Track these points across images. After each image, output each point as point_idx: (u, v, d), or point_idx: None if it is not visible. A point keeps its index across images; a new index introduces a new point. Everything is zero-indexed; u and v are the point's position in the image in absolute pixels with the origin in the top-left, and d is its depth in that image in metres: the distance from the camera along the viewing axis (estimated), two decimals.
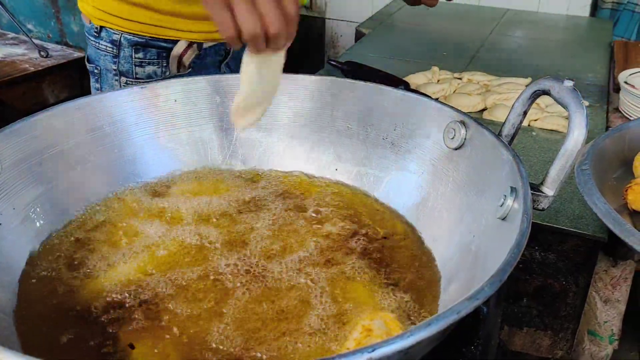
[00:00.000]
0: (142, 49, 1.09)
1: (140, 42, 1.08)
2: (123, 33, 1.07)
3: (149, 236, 0.69)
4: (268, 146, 0.85)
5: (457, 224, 0.67)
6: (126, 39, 1.07)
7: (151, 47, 1.09)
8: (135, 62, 1.09)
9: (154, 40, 1.08)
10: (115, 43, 1.08)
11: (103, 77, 1.13)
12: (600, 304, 0.99)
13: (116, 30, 1.07)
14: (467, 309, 0.42)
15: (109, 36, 1.08)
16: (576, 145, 0.58)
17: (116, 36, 1.08)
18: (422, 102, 0.76)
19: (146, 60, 1.10)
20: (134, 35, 1.07)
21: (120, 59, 1.09)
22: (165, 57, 1.10)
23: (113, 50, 1.09)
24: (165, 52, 1.10)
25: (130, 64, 1.09)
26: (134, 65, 1.10)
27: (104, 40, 1.09)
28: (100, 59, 1.12)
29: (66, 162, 0.73)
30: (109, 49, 1.09)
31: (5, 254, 0.63)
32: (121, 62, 1.09)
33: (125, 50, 1.09)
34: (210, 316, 0.58)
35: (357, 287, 0.62)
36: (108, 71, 1.12)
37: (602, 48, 1.65)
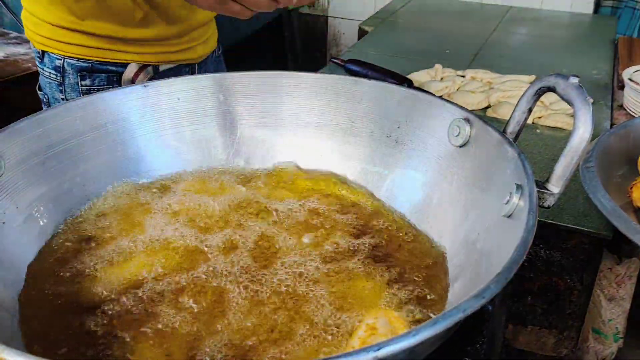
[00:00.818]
0: (89, 75, 0.97)
1: (86, 67, 0.96)
2: (65, 58, 0.95)
3: (152, 235, 0.69)
4: (271, 144, 0.85)
5: (462, 222, 0.66)
6: (70, 64, 0.96)
7: (99, 72, 0.97)
8: (82, 91, 0.98)
9: (101, 65, 0.96)
10: (58, 69, 0.96)
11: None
12: (605, 302, 0.99)
13: (58, 55, 0.96)
14: (473, 307, 0.42)
15: (52, 62, 0.97)
16: (582, 142, 0.58)
17: (59, 61, 0.96)
18: (426, 99, 0.76)
19: (94, 88, 0.97)
20: (78, 60, 0.95)
21: (65, 87, 0.97)
22: (116, 81, 0.98)
23: (57, 78, 0.97)
24: (116, 76, 0.98)
25: (77, 93, 0.98)
26: (82, 93, 0.98)
27: (47, 66, 0.98)
28: (46, 87, 1.00)
29: (69, 160, 0.73)
30: (52, 76, 0.98)
31: (9, 252, 0.63)
32: (67, 90, 0.98)
33: (70, 77, 0.97)
34: (212, 316, 0.58)
35: (361, 285, 0.62)
36: (56, 100, 1.00)
37: (605, 45, 1.65)
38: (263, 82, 0.84)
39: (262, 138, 0.85)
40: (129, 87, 0.80)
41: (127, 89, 0.80)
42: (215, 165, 0.84)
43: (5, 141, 0.66)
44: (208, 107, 0.83)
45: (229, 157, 0.84)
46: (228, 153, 0.84)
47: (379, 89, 0.80)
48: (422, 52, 1.56)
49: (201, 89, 0.83)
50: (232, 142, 0.85)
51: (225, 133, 0.84)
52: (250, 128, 0.85)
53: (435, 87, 1.26)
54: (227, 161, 0.84)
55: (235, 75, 0.84)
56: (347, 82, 0.82)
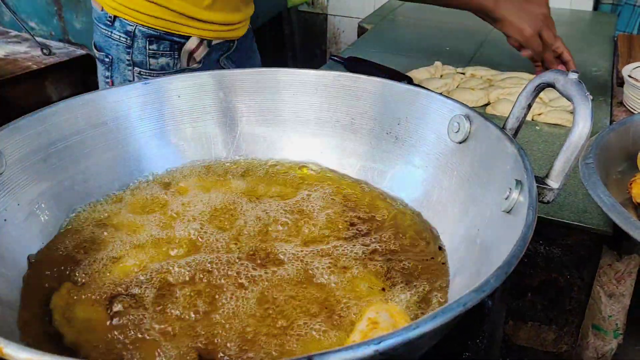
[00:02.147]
0: (156, 41, 1.10)
1: (154, 34, 1.09)
2: (137, 25, 1.08)
3: (154, 232, 0.69)
4: (272, 141, 0.85)
5: (461, 218, 0.67)
6: (140, 31, 1.08)
7: (164, 39, 1.10)
8: (149, 54, 1.11)
9: (168, 35, 1.09)
10: (129, 34, 1.09)
11: (115, 67, 1.13)
12: (605, 298, 0.99)
13: (131, 22, 1.08)
14: (473, 301, 0.42)
15: (123, 27, 1.09)
16: (581, 137, 0.58)
17: (130, 27, 1.08)
18: (426, 96, 0.76)
19: (159, 52, 1.11)
20: (148, 28, 1.08)
21: (134, 50, 1.10)
22: (177, 49, 1.12)
23: (127, 41, 1.10)
24: (178, 45, 1.11)
25: (144, 55, 1.11)
26: (148, 56, 1.11)
27: (118, 30, 1.10)
28: (112, 48, 1.12)
29: (70, 158, 0.73)
30: (122, 39, 1.10)
31: (10, 249, 0.63)
32: (135, 53, 1.10)
33: (139, 42, 1.09)
34: (213, 310, 0.58)
35: (362, 279, 0.62)
36: (121, 61, 1.12)
37: (605, 42, 1.65)
38: (263, 79, 0.84)
39: (263, 135, 0.85)
40: (129, 85, 0.81)
41: (127, 86, 0.80)
42: (216, 161, 0.84)
43: (7, 138, 0.66)
44: (208, 104, 0.84)
45: (230, 153, 0.85)
46: (228, 150, 0.85)
47: (379, 85, 0.80)
48: (422, 49, 1.56)
49: (201, 86, 0.83)
50: (233, 139, 0.85)
51: (225, 130, 0.85)
52: (250, 125, 0.85)
53: (434, 85, 1.26)
54: (227, 158, 0.84)
55: (235, 73, 0.84)
56: (347, 79, 0.82)
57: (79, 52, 2.11)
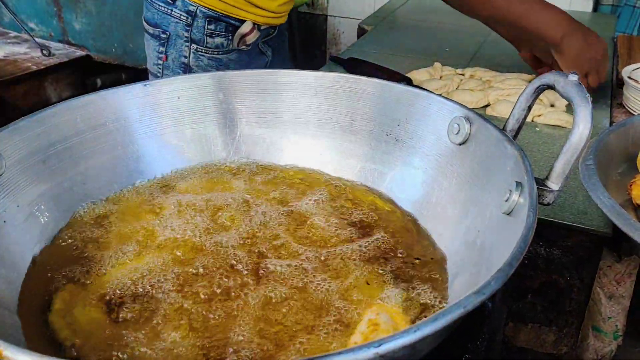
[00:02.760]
0: (214, 22, 1.18)
1: (214, 16, 1.17)
2: (200, 6, 1.17)
3: (154, 233, 0.69)
4: (272, 142, 0.85)
5: (461, 219, 0.67)
6: (202, 11, 1.17)
7: (222, 21, 1.18)
8: (207, 33, 1.19)
9: (225, 17, 1.18)
10: (190, 13, 1.17)
11: (171, 42, 1.21)
12: (605, 300, 0.99)
13: (193, 3, 1.17)
14: (474, 303, 0.42)
15: (185, 6, 1.17)
16: (581, 139, 0.58)
17: (193, 7, 1.17)
18: (426, 97, 0.76)
19: (216, 32, 1.19)
20: (209, 10, 1.17)
21: (193, 28, 1.18)
22: (232, 31, 1.20)
23: (187, 20, 1.18)
24: (232, 27, 1.20)
25: (202, 34, 1.19)
26: (206, 35, 1.19)
27: (179, 9, 1.18)
28: (170, 25, 1.19)
29: (70, 159, 0.73)
30: (183, 17, 1.18)
31: (10, 251, 0.63)
32: (194, 31, 1.18)
33: (199, 21, 1.18)
34: (213, 314, 0.58)
35: (361, 281, 0.62)
36: (179, 37, 1.20)
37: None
38: (262, 81, 0.84)
39: (262, 136, 0.85)
40: (128, 86, 0.80)
41: (126, 87, 0.80)
42: (216, 163, 0.84)
43: (6, 139, 0.66)
44: (208, 105, 0.84)
45: (229, 155, 0.85)
46: (228, 151, 0.85)
47: (379, 86, 0.80)
48: (422, 50, 1.56)
49: (201, 88, 0.83)
50: (232, 140, 0.85)
51: (225, 131, 0.85)
52: (250, 126, 0.85)
53: (434, 86, 1.26)
54: (227, 159, 0.84)
55: (234, 74, 0.84)
56: (347, 80, 0.82)
57: (79, 53, 2.11)
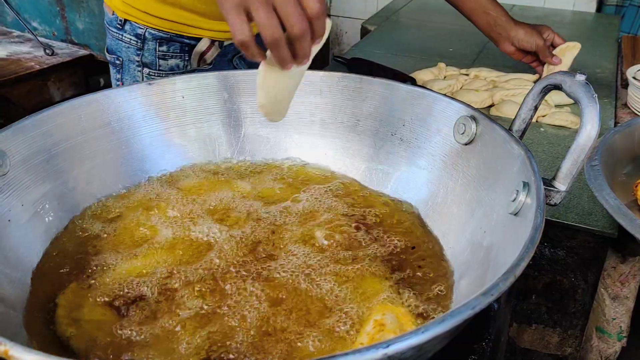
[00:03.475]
0: (166, 43, 1.10)
1: (164, 37, 1.10)
2: (148, 28, 1.09)
3: (158, 232, 0.69)
4: (276, 142, 0.85)
5: (467, 220, 0.66)
6: (150, 33, 1.09)
7: (174, 41, 1.11)
8: (159, 55, 1.12)
9: (178, 37, 1.10)
10: (139, 37, 1.10)
11: (125, 68, 1.14)
12: (609, 301, 0.98)
13: (141, 25, 1.09)
14: (482, 304, 0.42)
15: (133, 30, 1.10)
16: (588, 139, 0.57)
17: (141, 30, 1.09)
18: (431, 97, 0.76)
19: (169, 54, 1.12)
20: (159, 31, 1.09)
21: (144, 52, 1.11)
22: (187, 51, 1.12)
23: (137, 44, 1.11)
24: (188, 47, 1.12)
25: (153, 57, 1.12)
26: (158, 58, 1.12)
27: (128, 33, 1.11)
28: (122, 51, 1.13)
29: (75, 158, 0.73)
30: (132, 41, 1.11)
31: (15, 250, 0.63)
32: (145, 54, 1.11)
33: (150, 44, 1.10)
34: (218, 312, 0.58)
35: (368, 282, 0.62)
36: (131, 62, 1.13)
37: (609, 43, 1.64)
38: None
39: (266, 136, 0.85)
40: (133, 86, 0.81)
41: (131, 87, 0.80)
42: (220, 162, 0.84)
43: (10, 139, 0.66)
44: (212, 105, 0.83)
45: (234, 154, 0.84)
46: (233, 151, 0.84)
47: (384, 86, 0.80)
48: (425, 50, 1.55)
49: (205, 87, 0.83)
50: (237, 140, 0.85)
51: (229, 131, 0.84)
52: (254, 126, 0.85)
53: (438, 86, 1.26)
54: (231, 158, 0.84)
55: (238, 74, 0.84)
56: (352, 80, 0.82)
57: (82, 53, 2.11)
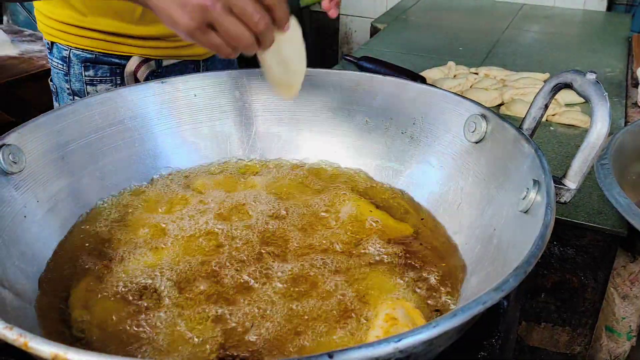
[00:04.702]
0: (93, 66, 1.00)
1: (90, 58, 0.99)
2: (72, 49, 0.99)
3: (172, 229, 0.70)
4: (287, 140, 0.85)
5: (478, 217, 0.67)
6: (75, 54, 0.99)
7: (102, 63, 1.00)
8: (86, 81, 1.01)
9: (105, 56, 0.99)
10: (65, 59, 1.00)
11: (60, 96, 1.05)
12: (619, 300, 0.98)
13: (65, 46, 1.00)
14: (493, 300, 0.42)
15: (60, 52, 1.01)
16: (599, 138, 0.58)
17: (65, 52, 1.00)
18: (442, 95, 0.76)
19: (97, 78, 1.01)
20: (83, 51, 0.99)
21: (71, 77, 1.01)
22: (119, 73, 1.01)
23: (64, 68, 1.01)
24: (119, 68, 1.00)
25: (81, 83, 1.01)
26: (85, 84, 1.01)
27: (55, 56, 1.02)
28: (55, 77, 1.05)
29: (89, 155, 0.74)
30: (59, 66, 1.02)
31: (30, 245, 0.64)
32: (72, 80, 1.01)
33: (75, 68, 1.00)
34: (235, 306, 0.59)
35: (378, 277, 0.62)
36: (63, 90, 1.04)
37: (619, 43, 1.64)
38: None
39: (278, 134, 0.85)
40: (147, 84, 0.81)
41: (144, 85, 0.81)
42: (232, 160, 0.84)
43: (26, 136, 0.67)
44: (224, 103, 0.84)
45: (245, 152, 0.85)
46: (244, 149, 0.85)
47: (395, 85, 0.80)
48: (435, 49, 1.56)
49: (218, 86, 0.84)
50: (248, 138, 0.85)
51: (241, 129, 0.85)
52: (265, 124, 0.85)
53: (448, 85, 1.26)
54: (243, 156, 0.85)
55: (251, 72, 0.85)
56: (363, 79, 0.82)
57: None
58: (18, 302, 0.56)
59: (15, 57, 2.01)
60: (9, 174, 0.64)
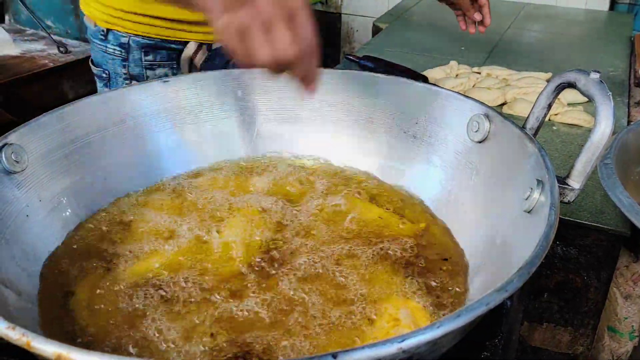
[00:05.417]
0: (152, 51, 1.06)
1: (150, 44, 1.05)
2: (131, 36, 1.04)
3: (174, 228, 0.70)
4: (290, 139, 0.85)
5: (481, 217, 0.66)
6: (135, 41, 1.04)
7: (161, 48, 1.06)
8: (145, 65, 1.07)
9: (164, 42, 1.05)
10: (123, 46, 1.05)
11: (113, 81, 1.10)
12: (621, 300, 0.98)
13: (124, 33, 1.04)
14: (496, 300, 0.42)
15: (117, 39, 1.05)
16: (603, 137, 0.57)
17: (124, 39, 1.05)
18: (445, 95, 0.76)
19: (157, 63, 1.07)
20: (143, 38, 1.04)
21: (129, 63, 1.06)
22: (175, 58, 1.08)
23: (122, 54, 1.06)
24: (176, 53, 1.07)
25: (140, 67, 1.07)
26: (145, 68, 1.07)
27: (112, 43, 1.06)
28: (108, 63, 1.09)
29: (91, 155, 0.74)
30: (117, 52, 1.06)
31: (32, 245, 0.64)
32: (131, 65, 1.07)
33: (134, 53, 1.05)
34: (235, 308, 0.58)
35: (382, 276, 0.62)
36: (118, 75, 1.09)
37: (622, 42, 1.63)
38: (280, 78, 0.84)
39: (280, 133, 0.85)
40: (148, 83, 0.81)
41: (146, 85, 0.81)
42: (235, 160, 0.84)
43: (29, 135, 0.67)
44: (227, 102, 0.84)
45: (248, 151, 0.85)
46: (247, 148, 0.85)
47: (397, 84, 0.80)
48: (437, 48, 1.55)
49: (220, 85, 0.84)
50: (251, 137, 0.85)
51: (244, 128, 0.85)
52: (268, 123, 0.85)
53: (450, 84, 1.26)
54: (246, 156, 0.85)
55: (253, 72, 0.84)
56: (365, 78, 0.82)
57: None
58: (20, 301, 0.56)
59: (17, 56, 2.01)
60: (12, 173, 0.64)
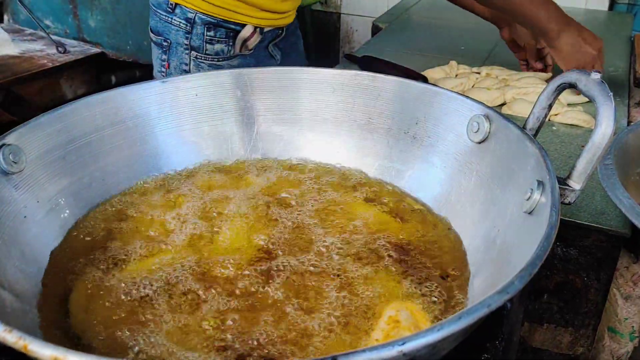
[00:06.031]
0: (214, 28, 1.19)
1: (212, 22, 1.18)
2: (198, 13, 1.17)
3: (173, 228, 0.70)
4: (289, 140, 0.85)
5: (481, 218, 0.66)
6: (200, 18, 1.18)
7: (221, 27, 1.19)
8: (206, 40, 1.20)
9: (225, 22, 1.19)
10: (189, 20, 1.18)
11: (172, 50, 1.22)
12: (621, 301, 0.98)
13: (191, 9, 1.17)
14: (498, 302, 0.42)
15: (184, 14, 1.18)
16: (604, 138, 0.57)
17: (191, 14, 1.18)
18: (445, 95, 0.76)
19: (216, 39, 1.20)
20: (208, 16, 1.17)
21: (192, 35, 1.19)
22: (232, 37, 1.21)
23: (186, 27, 1.19)
24: (233, 33, 1.20)
25: (201, 41, 1.20)
26: (205, 42, 1.20)
27: (178, 16, 1.19)
28: (171, 33, 1.21)
29: (89, 155, 0.74)
30: (182, 25, 1.19)
31: (30, 246, 0.63)
32: (193, 38, 1.20)
33: (198, 28, 1.18)
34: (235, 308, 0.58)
35: (382, 278, 0.62)
36: (179, 45, 1.21)
37: (621, 42, 1.63)
38: (280, 78, 0.84)
39: (280, 133, 0.85)
40: (147, 83, 0.81)
41: (145, 84, 0.81)
42: (234, 160, 0.84)
43: (26, 136, 0.66)
44: (226, 102, 0.84)
45: (247, 152, 0.85)
46: (246, 148, 0.85)
47: (397, 84, 0.80)
48: (437, 48, 1.55)
49: (219, 85, 0.83)
50: (250, 138, 0.85)
51: (243, 128, 0.85)
52: (267, 123, 0.85)
53: (450, 84, 1.26)
54: (245, 156, 0.85)
55: (252, 71, 0.84)
56: (365, 78, 0.82)
57: (94, 51, 2.12)
58: (18, 303, 0.56)
59: (15, 56, 2.00)
60: (9, 174, 0.63)
